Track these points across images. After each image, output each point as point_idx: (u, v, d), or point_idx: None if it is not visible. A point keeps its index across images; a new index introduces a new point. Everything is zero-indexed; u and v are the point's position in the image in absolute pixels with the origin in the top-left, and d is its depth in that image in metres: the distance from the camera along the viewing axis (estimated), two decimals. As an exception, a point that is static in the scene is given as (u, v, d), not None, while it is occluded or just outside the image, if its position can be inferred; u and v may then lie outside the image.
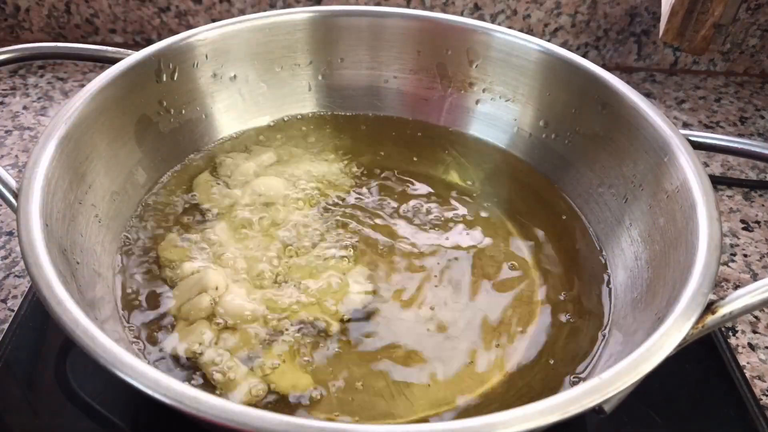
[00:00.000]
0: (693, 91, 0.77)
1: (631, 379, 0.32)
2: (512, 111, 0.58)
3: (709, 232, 0.39)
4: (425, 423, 0.35)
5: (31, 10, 0.76)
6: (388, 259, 0.48)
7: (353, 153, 0.57)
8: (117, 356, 0.31)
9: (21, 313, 0.46)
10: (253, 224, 0.49)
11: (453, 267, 0.48)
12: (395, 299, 0.45)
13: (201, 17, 0.76)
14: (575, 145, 0.54)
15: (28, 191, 0.39)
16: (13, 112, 0.67)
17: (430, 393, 0.40)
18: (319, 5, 0.73)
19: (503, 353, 0.43)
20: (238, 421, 0.28)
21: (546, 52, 0.55)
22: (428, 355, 0.42)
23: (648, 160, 0.47)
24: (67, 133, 0.43)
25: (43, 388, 0.43)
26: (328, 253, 0.48)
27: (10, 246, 0.53)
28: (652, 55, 0.79)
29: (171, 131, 0.54)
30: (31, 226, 0.37)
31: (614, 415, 0.34)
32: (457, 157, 0.58)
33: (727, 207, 0.61)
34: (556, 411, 0.30)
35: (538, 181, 0.56)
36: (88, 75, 0.74)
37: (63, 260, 0.38)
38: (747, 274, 0.54)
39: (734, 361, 0.47)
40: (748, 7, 0.74)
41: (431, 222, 0.51)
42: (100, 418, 0.41)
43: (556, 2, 0.75)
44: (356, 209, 0.52)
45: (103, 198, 0.47)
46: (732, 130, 0.71)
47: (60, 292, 0.33)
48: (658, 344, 0.33)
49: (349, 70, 0.61)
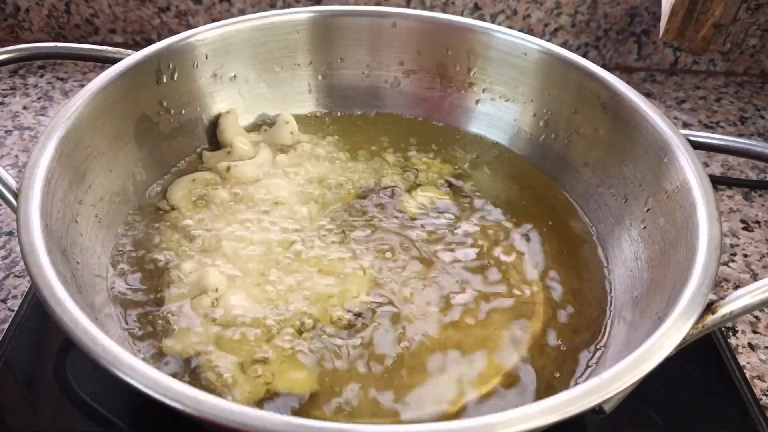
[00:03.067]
0: (693, 91, 0.77)
1: (631, 379, 0.32)
2: (512, 111, 0.58)
3: (709, 232, 0.39)
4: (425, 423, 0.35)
5: (31, 10, 0.76)
6: (391, 259, 0.48)
7: (354, 153, 0.57)
8: (117, 356, 0.31)
9: (21, 313, 0.46)
10: (255, 224, 0.49)
11: (453, 267, 0.48)
12: (398, 299, 0.45)
13: (201, 17, 0.76)
14: (575, 145, 0.55)
15: (28, 191, 0.39)
16: (13, 112, 0.67)
17: (434, 392, 0.40)
18: (319, 5, 0.73)
19: (503, 353, 0.42)
20: (238, 421, 0.28)
21: (546, 52, 0.55)
22: (431, 355, 0.42)
23: (648, 160, 0.47)
24: (67, 133, 0.43)
25: (43, 388, 0.43)
26: (330, 253, 0.48)
27: (10, 246, 0.53)
28: (652, 55, 0.79)
29: (171, 131, 0.54)
30: (31, 226, 0.37)
31: (614, 415, 0.34)
32: (457, 157, 0.58)
33: (727, 207, 0.61)
34: (556, 411, 0.30)
35: (538, 181, 0.56)
36: (88, 75, 0.74)
37: (63, 260, 0.38)
38: (747, 274, 0.54)
39: (734, 361, 0.47)
40: (748, 7, 0.74)
41: (431, 222, 0.51)
42: (100, 418, 0.41)
43: (556, 2, 0.75)
44: (357, 209, 0.52)
45: (103, 198, 0.47)
46: (732, 130, 0.71)
47: (60, 292, 0.33)
48: (658, 344, 0.33)
49: (349, 70, 0.61)
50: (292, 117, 0.58)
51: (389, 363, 0.41)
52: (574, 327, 0.45)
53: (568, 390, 0.31)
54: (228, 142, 0.55)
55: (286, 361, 0.41)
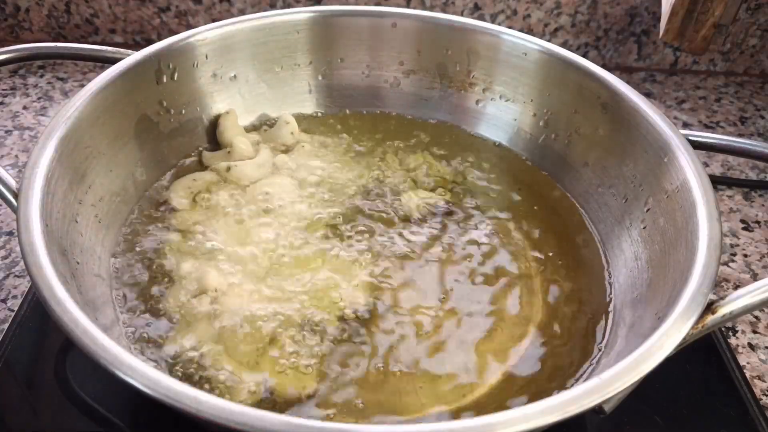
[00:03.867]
0: (693, 91, 0.77)
1: (631, 379, 0.32)
2: (512, 111, 0.58)
3: (709, 232, 0.39)
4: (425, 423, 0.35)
5: (31, 10, 0.76)
6: (391, 259, 0.48)
7: (354, 153, 0.57)
8: (117, 356, 0.31)
9: (21, 313, 0.46)
10: (255, 225, 0.49)
11: (454, 267, 0.48)
12: (398, 299, 0.45)
13: (201, 17, 0.76)
14: (575, 145, 0.55)
15: (28, 191, 0.39)
16: (13, 112, 0.67)
17: (435, 391, 0.40)
18: (319, 5, 0.73)
19: (503, 353, 0.42)
20: (238, 421, 0.28)
21: (546, 52, 0.55)
22: (432, 354, 0.42)
23: (648, 160, 0.47)
24: (67, 133, 0.43)
25: (43, 388, 0.43)
26: (330, 253, 0.48)
27: (10, 246, 0.53)
28: (652, 55, 0.79)
29: (171, 131, 0.54)
30: (31, 226, 0.37)
31: (614, 415, 0.34)
32: (456, 157, 0.58)
33: (727, 207, 0.61)
34: (556, 411, 0.30)
35: (537, 181, 0.56)
36: (88, 75, 0.74)
37: (63, 260, 0.38)
38: (747, 274, 0.54)
39: (734, 361, 0.47)
40: (748, 7, 0.74)
41: (431, 222, 0.51)
42: (100, 418, 0.41)
43: (556, 2, 0.75)
44: (357, 210, 0.52)
45: (103, 198, 0.47)
46: (732, 130, 0.71)
47: (60, 293, 0.33)
48: (658, 344, 0.33)
49: (349, 70, 0.61)
50: (293, 117, 0.58)
51: (389, 363, 0.41)
52: (573, 327, 0.44)
53: (568, 390, 0.31)
54: (228, 142, 0.55)
55: (286, 361, 0.41)
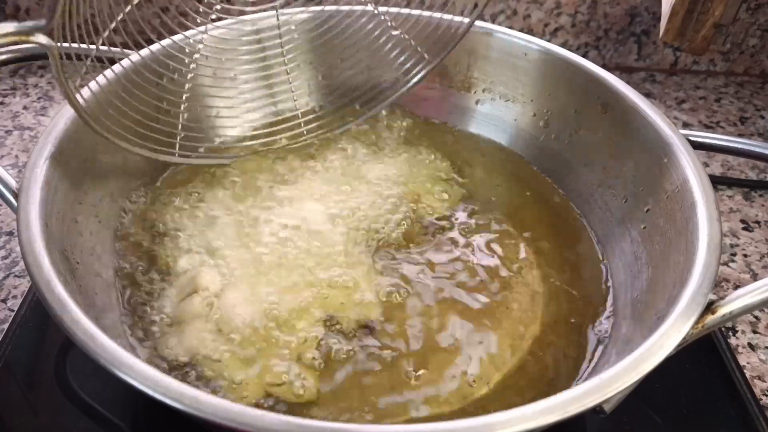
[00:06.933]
0: (693, 91, 0.77)
1: (631, 379, 0.32)
2: (512, 111, 0.58)
3: (709, 232, 0.39)
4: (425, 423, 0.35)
5: (31, 10, 0.76)
6: (389, 259, 0.48)
7: (353, 152, 0.57)
8: (117, 356, 0.31)
9: (21, 313, 0.46)
10: (256, 225, 0.49)
11: (452, 267, 0.48)
12: (398, 302, 0.45)
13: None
14: (575, 145, 0.55)
15: (28, 191, 0.39)
16: (13, 112, 0.67)
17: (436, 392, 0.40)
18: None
19: (503, 354, 0.42)
20: (238, 421, 0.28)
21: (546, 52, 0.55)
22: (431, 356, 0.42)
23: (648, 160, 0.47)
24: (67, 133, 0.43)
25: (43, 388, 0.43)
26: (330, 253, 0.47)
27: (10, 246, 0.53)
28: (652, 55, 0.79)
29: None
30: (31, 226, 0.37)
31: (614, 415, 0.34)
32: (456, 158, 0.58)
33: (727, 207, 0.61)
34: (556, 411, 0.30)
35: (537, 181, 0.56)
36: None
37: (63, 260, 0.38)
38: (747, 274, 0.54)
39: (734, 361, 0.47)
40: (748, 7, 0.74)
41: (431, 222, 0.51)
42: (100, 418, 0.41)
43: (556, 2, 0.75)
44: (359, 209, 0.52)
45: (103, 198, 0.47)
46: (732, 130, 0.71)
47: (60, 292, 0.33)
48: (658, 344, 0.33)
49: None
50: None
51: (389, 365, 0.41)
52: (573, 327, 0.44)
53: (568, 390, 0.31)
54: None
55: (286, 361, 0.41)
